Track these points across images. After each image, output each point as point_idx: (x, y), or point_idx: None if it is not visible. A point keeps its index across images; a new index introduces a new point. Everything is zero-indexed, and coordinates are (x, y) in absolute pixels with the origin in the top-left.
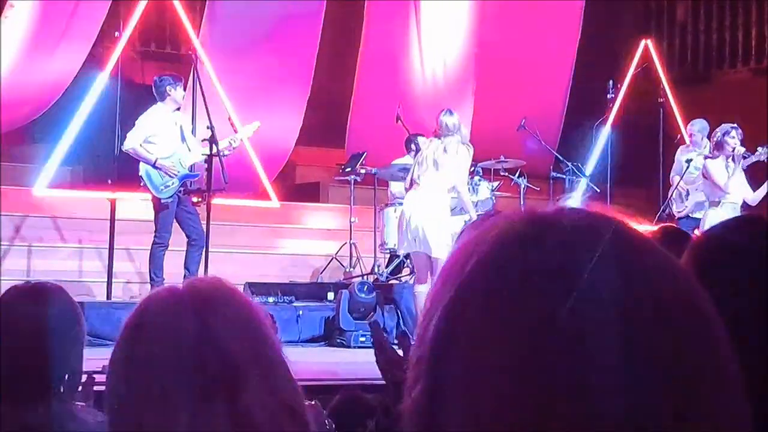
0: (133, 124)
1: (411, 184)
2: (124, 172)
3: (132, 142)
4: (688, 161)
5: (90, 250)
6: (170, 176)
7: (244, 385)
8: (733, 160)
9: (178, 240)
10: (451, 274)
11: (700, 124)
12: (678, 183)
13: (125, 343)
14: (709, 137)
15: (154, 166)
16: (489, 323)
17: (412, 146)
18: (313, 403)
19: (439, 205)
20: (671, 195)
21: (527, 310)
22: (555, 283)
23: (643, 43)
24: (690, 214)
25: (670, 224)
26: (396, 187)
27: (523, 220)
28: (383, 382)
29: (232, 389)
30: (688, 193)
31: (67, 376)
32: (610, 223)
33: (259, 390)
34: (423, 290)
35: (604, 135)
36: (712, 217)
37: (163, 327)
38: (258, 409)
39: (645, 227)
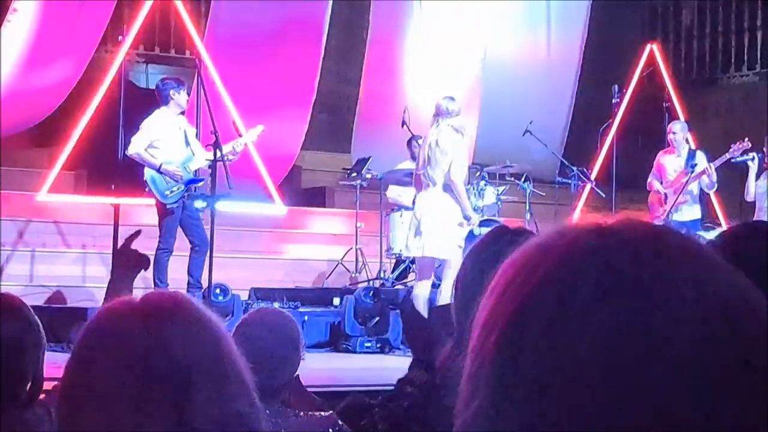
0: (137, 129)
1: (416, 183)
2: (127, 177)
3: (137, 146)
4: (693, 165)
5: (93, 255)
6: (175, 181)
7: (194, 394)
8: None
9: (182, 245)
10: (511, 286)
11: (680, 125)
12: (684, 186)
13: (76, 350)
14: (687, 140)
15: (158, 170)
16: (560, 334)
17: (414, 147)
18: (328, 414)
19: (443, 204)
20: (676, 200)
21: (600, 321)
22: (628, 295)
23: (648, 47)
24: (669, 216)
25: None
26: (391, 192)
27: (591, 231)
28: (389, 387)
29: (179, 397)
30: (666, 197)
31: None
32: (675, 235)
33: (210, 400)
34: (421, 292)
35: (609, 140)
36: None
37: (110, 333)
38: (206, 418)
39: None
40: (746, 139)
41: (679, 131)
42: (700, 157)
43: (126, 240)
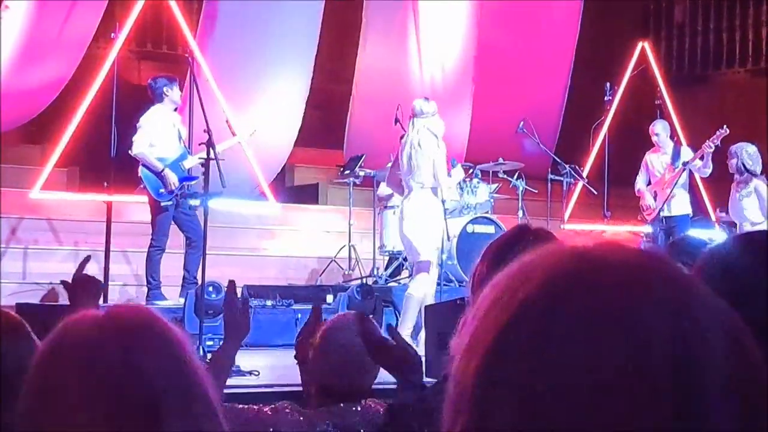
0: (131, 125)
1: (395, 185)
2: (120, 174)
3: (140, 146)
4: (685, 163)
5: (86, 252)
6: (169, 186)
7: (165, 416)
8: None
9: (174, 242)
10: (493, 310)
11: (662, 125)
12: (674, 186)
13: (42, 368)
14: (671, 137)
15: (160, 174)
16: (540, 359)
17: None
18: (380, 402)
19: (422, 206)
20: (666, 199)
21: (580, 346)
22: (607, 320)
23: (640, 44)
24: (659, 213)
25: (679, 239)
26: (382, 189)
27: (572, 256)
28: (381, 386)
29: (152, 419)
30: (656, 196)
31: None
32: (656, 262)
33: (180, 421)
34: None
35: (601, 137)
36: None
37: (84, 353)
38: None
39: (639, 228)
40: (725, 126)
41: (660, 131)
42: (686, 152)
43: (78, 268)
